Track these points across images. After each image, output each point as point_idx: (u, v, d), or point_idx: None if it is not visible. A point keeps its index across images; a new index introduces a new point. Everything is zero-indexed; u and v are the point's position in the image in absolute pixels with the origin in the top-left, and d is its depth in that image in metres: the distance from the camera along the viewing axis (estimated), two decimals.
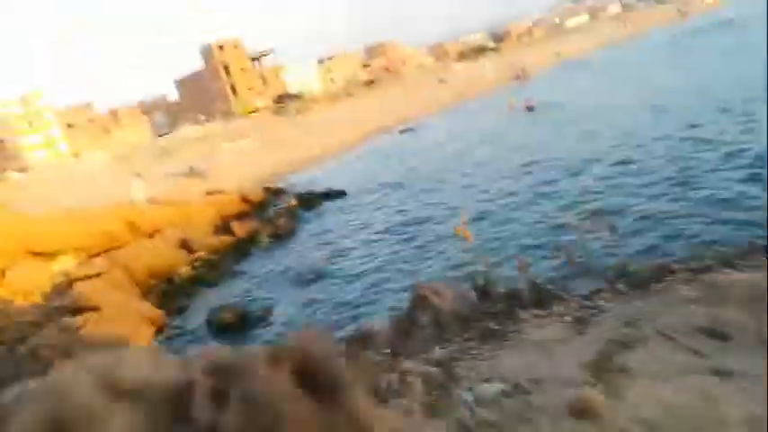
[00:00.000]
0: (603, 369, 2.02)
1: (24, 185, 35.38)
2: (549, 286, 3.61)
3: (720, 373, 1.86)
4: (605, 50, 54.35)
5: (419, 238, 11.60)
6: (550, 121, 21.90)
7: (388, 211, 14.96)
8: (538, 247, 8.46)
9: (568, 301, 3.16)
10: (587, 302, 3.12)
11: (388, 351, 3.19)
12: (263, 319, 9.55)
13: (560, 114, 22.86)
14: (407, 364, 2.69)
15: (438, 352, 2.80)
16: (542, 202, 11.59)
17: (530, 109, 25.98)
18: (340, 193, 18.08)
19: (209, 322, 9.63)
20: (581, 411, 1.76)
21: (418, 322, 3.65)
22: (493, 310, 3.43)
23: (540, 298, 3.43)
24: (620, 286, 3.25)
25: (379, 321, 5.01)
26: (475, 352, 2.68)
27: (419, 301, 4.05)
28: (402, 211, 14.45)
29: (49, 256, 15.07)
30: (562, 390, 1.89)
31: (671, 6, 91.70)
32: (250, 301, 10.57)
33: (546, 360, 2.29)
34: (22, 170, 49.32)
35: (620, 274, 3.73)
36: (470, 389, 2.12)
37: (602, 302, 3.11)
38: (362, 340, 3.83)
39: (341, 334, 6.50)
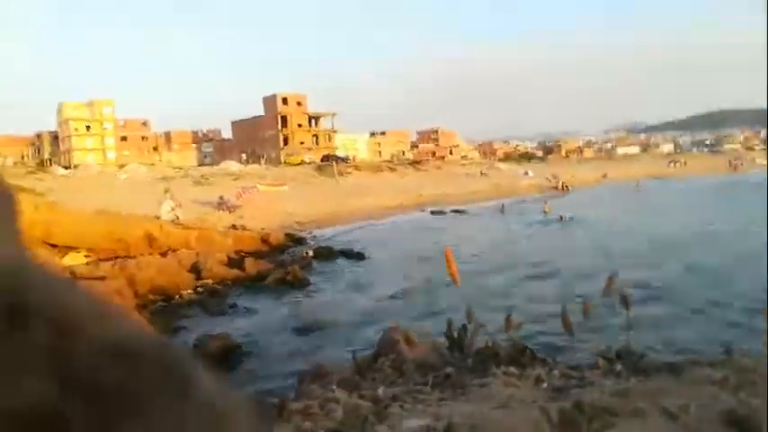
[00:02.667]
0: (571, 431, 1.72)
1: (65, 181, 36.45)
2: (534, 349, 3.25)
3: None
4: (651, 182, 54.55)
5: (420, 302, 12.09)
6: (570, 233, 22.48)
7: (396, 275, 15.32)
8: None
9: (551, 367, 2.81)
10: (574, 372, 2.75)
11: (334, 387, 2.90)
12: (250, 356, 9.30)
13: (581, 229, 23.42)
14: (338, 395, 2.42)
15: (380, 391, 2.51)
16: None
17: (561, 218, 26.21)
18: (358, 255, 18.01)
19: (195, 347, 9.38)
20: None
21: (379, 365, 3.36)
22: (461, 363, 3.09)
23: (520, 357, 3.07)
24: (619, 367, 2.87)
25: (339, 361, 4.80)
26: (421, 396, 2.38)
27: (387, 344, 3.78)
28: (412, 276, 14.92)
29: (63, 250, 15.25)
30: None
31: (723, 157, 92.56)
32: (241, 336, 10.33)
33: (500, 414, 1.98)
34: (67, 167, 51.02)
35: (624, 353, 3.31)
36: (392, 425, 1.85)
37: (592, 376, 2.74)
38: (316, 376, 3.56)
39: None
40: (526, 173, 56.02)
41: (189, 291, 13.07)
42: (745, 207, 27.42)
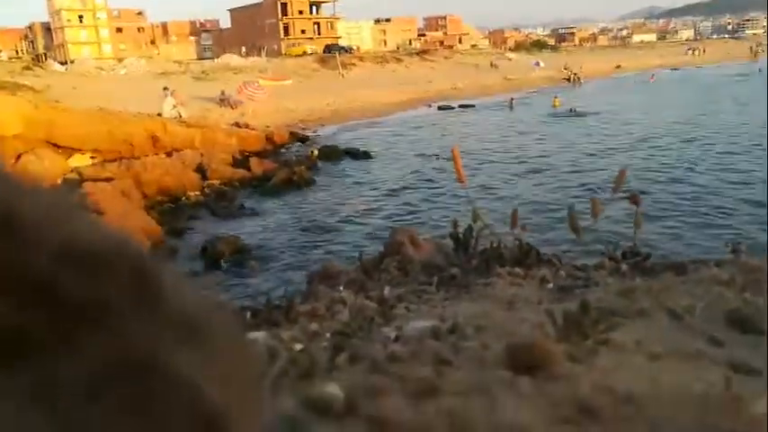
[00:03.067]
0: (576, 333, 1.70)
1: (62, 77, 35.59)
2: (540, 249, 3.21)
3: (736, 366, 1.55)
4: (668, 72, 52.70)
5: (427, 194, 12.58)
6: (582, 126, 22.25)
7: (405, 172, 15.59)
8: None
9: (557, 267, 2.78)
10: (580, 273, 2.71)
11: (341, 288, 2.90)
12: (257, 257, 9.50)
13: (595, 123, 23.15)
14: (344, 294, 2.41)
15: (386, 291, 2.50)
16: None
17: (572, 111, 25.66)
18: (363, 154, 17.87)
19: (203, 250, 9.58)
20: (526, 362, 1.44)
21: (385, 266, 3.35)
22: (466, 263, 3.06)
23: (525, 258, 3.03)
24: (625, 267, 2.83)
25: (346, 262, 4.92)
26: (426, 296, 2.37)
27: (392, 246, 3.76)
28: (417, 172, 15.31)
29: (68, 150, 15.17)
30: (509, 340, 1.58)
31: (744, 43, 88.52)
32: (249, 237, 10.50)
33: (503, 313, 1.95)
34: (63, 62, 49.59)
35: (630, 253, 3.25)
36: (399, 327, 1.82)
37: (598, 276, 2.70)
38: (323, 276, 3.58)
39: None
40: (537, 63, 54.02)
41: (196, 192, 13.12)
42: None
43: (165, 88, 22.00)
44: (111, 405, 0.23)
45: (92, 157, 15.10)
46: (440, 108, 31.17)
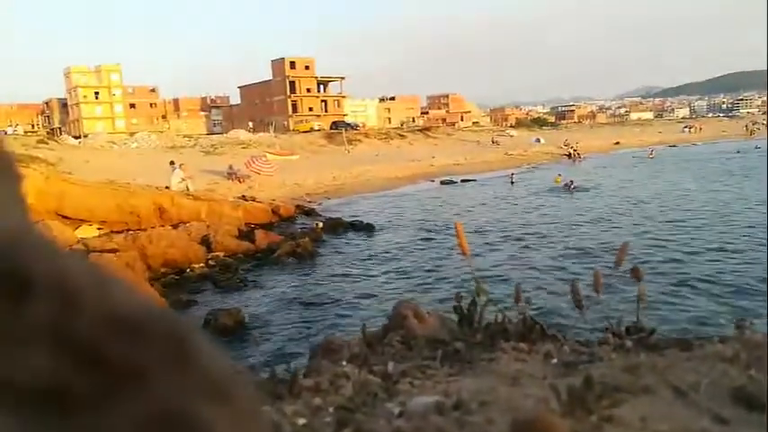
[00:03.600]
0: (580, 409, 1.68)
1: (75, 150, 36.58)
2: (545, 324, 3.20)
3: None
4: (665, 149, 53.81)
5: (429, 275, 12.30)
6: (581, 203, 22.49)
7: (408, 244, 15.71)
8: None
9: (561, 343, 2.77)
10: (584, 348, 2.70)
11: (344, 362, 2.89)
12: (260, 330, 9.41)
13: (594, 198, 23.50)
14: (347, 369, 2.40)
15: (390, 366, 2.49)
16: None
17: (567, 187, 25.90)
18: (367, 227, 18.04)
19: (206, 322, 9.51)
20: None
21: (388, 339, 3.34)
22: (470, 337, 3.05)
23: (529, 333, 3.03)
24: (629, 343, 2.82)
25: (349, 335, 4.87)
26: (430, 371, 2.36)
27: (396, 319, 3.76)
28: (420, 245, 15.51)
29: (76, 222, 15.39)
30: (513, 415, 1.56)
31: (739, 122, 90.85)
32: (252, 310, 10.44)
33: (508, 388, 1.94)
34: (77, 136, 51.11)
35: (634, 328, 3.24)
36: (402, 402, 1.81)
37: (602, 352, 2.69)
38: (325, 350, 3.54)
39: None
40: (538, 140, 55.39)
41: (200, 264, 13.17)
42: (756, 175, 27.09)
43: (172, 162, 22.59)
44: None
45: (98, 228, 15.29)
46: (442, 183, 31.71)
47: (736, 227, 15.81)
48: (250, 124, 63.93)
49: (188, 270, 12.88)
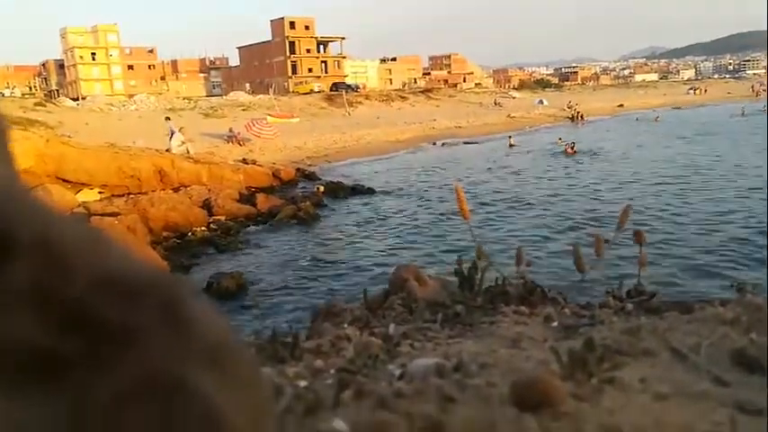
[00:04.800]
0: (580, 371, 1.69)
1: (74, 113, 36.24)
2: (545, 287, 3.22)
3: (742, 407, 1.53)
4: (669, 111, 53.20)
5: (430, 238, 12.43)
6: (583, 167, 22.32)
7: (409, 207, 15.84)
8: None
9: (562, 306, 2.79)
10: (584, 311, 2.72)
11: (345, 325, 2.92)
12: (261, 293, 9.49)
13: (597, 162, 23.32)
14: (348, 331, 2.42)
15: (391, 328, 2.51)
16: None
17: (570, 153, 25.48)
18: (368, 190, 18.02)
19: (208, 285, 9.59)
20: (531, 400, 1.43)
21: (389, 303, 3.36)
22: (471, 300, 3.07)
23: (530, 297, 3.04)
24: (630, 306, 2.83)
25: (351, 299, 4.93)
26: (431, 334, 2.38)
27: (397, 283, 3.79)
28: (421, 207, 15.68)
29: (77, 185, 15.36)
30: (514, 378, 1.57)
31: (745, 83, 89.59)
32: (253, 273, 10.51)
33: (508, 351, 1.95)
34: (75, 98, 50.57)
35: (635, 292, 3.26)
36: (403, 364, 1.83)
37: (603, 315, 2.71)
38: (327, 313, 3.58)
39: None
40: (541, 102, 54.75)
41: (202, 227, 13.20)
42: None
43: (168, 118, 22.57)
44: (138, 420, 0.24)
45: (99, 192, 15.27)
46: (443, 145, 31.52)
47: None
48: (247, 86, 63.11)
49: (189, 234, 12.92)
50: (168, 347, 0.27)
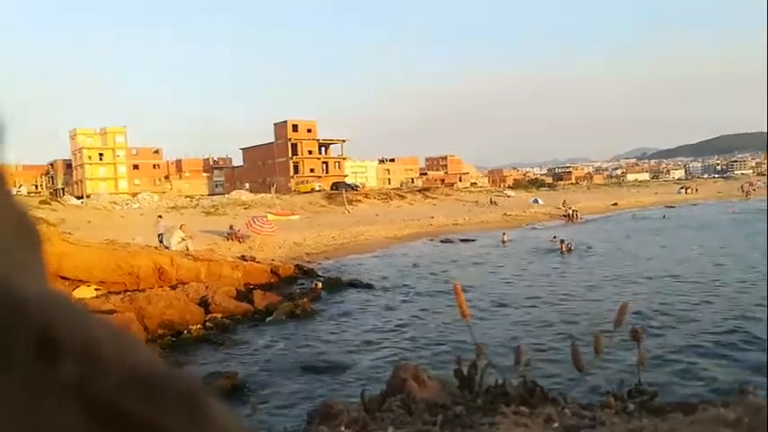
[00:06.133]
0: None
1: (77, 211, 36.83)
2: (545, 387, 3.16)
3: None
4: (662, 210, 54.20)
5: (429, 336, 12.13)
6: (577, 265, 22.35)
7: (408, 303, 15.72)
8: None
9: (562, 406, 2.74)
10: (585, 412, 2.68)
11: (342, 428, 2.88)
12: (256, 393, 9.21)
13: (591, 259, 23.52)
14: None
15: (390, 431, 2.49)
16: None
17: (566, 250, 25.55)
18: (367, 286, 17.98)
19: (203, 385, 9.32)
20: None
21: (388, 404, 3.30)
22: (471, 401, 3.03)
23: (530, 397, 2.99)
24: (631, 406, 2.79)
25: (348, 399, 4.75)
26: None
27: (396, 383, 3.72)
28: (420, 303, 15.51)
29: (74, 282, 15.33)
30: None
31: (734, 183, 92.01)
32: (249, 373, 10.25)
33: None
34: (80, 197, 51.57)
35: (636, 391, 3.21)
36: None
37: (604, 416, 2.66)
38: (323, 415, 3.50)
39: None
40: (536, 201, 55.91)
41: (198, 325, 13.04)
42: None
43: (160, 216, 23.15)
44: None
45: (96, 289, 15.21)
46: (442, 242, 31.81)
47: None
48: (246, 185, 64.54)
49: (185, 332, 12.74)
50: None
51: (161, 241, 21.24)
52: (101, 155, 77.56)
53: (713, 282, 16.96)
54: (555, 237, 28.46)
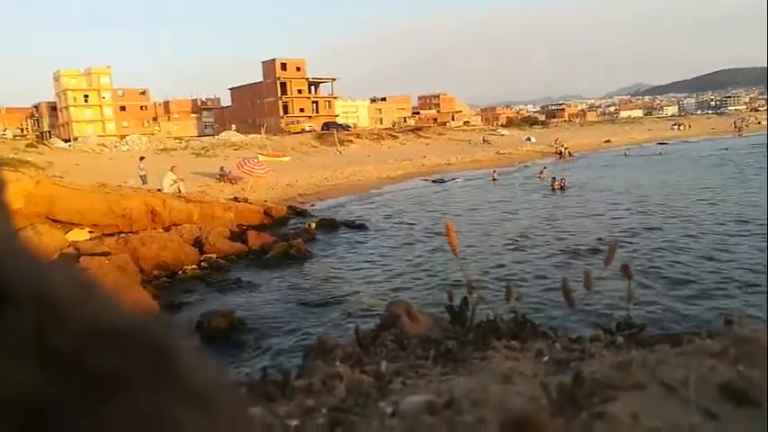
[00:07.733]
0: (570, 406, 1.69)
1: (65, 154, 36.32)
2: (536, 321, 3.22)
3: None
4: (655, 146, 54.16)
5: (421, 274, 12.32)
6: (570, 200, 22.46)
7: (400, 242, 15.92)
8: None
9: (552, 340, 2.79)
10: (575, 345, 2.73)
11: (337, 362, 2.90)
12: (253, 332, 9.38)
13: (584, 194, 23.68)
14: (340, 369, 2.41)
15: (383, 365, 2.50)
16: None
17: (559, 188, 25.58)
18: (360, 226, 18.07)
19: (199, 324, 9.47)
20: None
21: (381, 339, 3.35)
22: (463, 336, 3.08)
23: (521, 331, 3.05)
24: (620, 339, 2.84)
25: (343, 336, 4.86)
26: (423, 371, 2.37)
27: (389, 319, 3.78)
28: (412, 243, 15.69)
29: (67, 225, 15.28)
30: (504, 414, 1.57)
31: (727, 119, 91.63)
32: (245, 312, 10.40)
33: (499, 387, 1.95)
34: (67, 140, 50.75)
35: (624, 325, 3.27)
36: (395, 402, 1.82)
37: (593, 348, 2.71)
38: (318, 351, 3.55)
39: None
40: (529, 139, 55.59)
41: (192, 266, 13.12)
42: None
43: (142, 158, 23.03)
44: None
45: (90, 232, 15.19)
46: (434, 181, 31.82)
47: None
48: (233, 126, 63.44)
49: (180, 272, 12.83)
50: (156, 391, 0.28)
51: (144, 183, 21.16)
52: (86, 96, 75.76)
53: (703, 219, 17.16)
54: (544, 170, 28.79)
